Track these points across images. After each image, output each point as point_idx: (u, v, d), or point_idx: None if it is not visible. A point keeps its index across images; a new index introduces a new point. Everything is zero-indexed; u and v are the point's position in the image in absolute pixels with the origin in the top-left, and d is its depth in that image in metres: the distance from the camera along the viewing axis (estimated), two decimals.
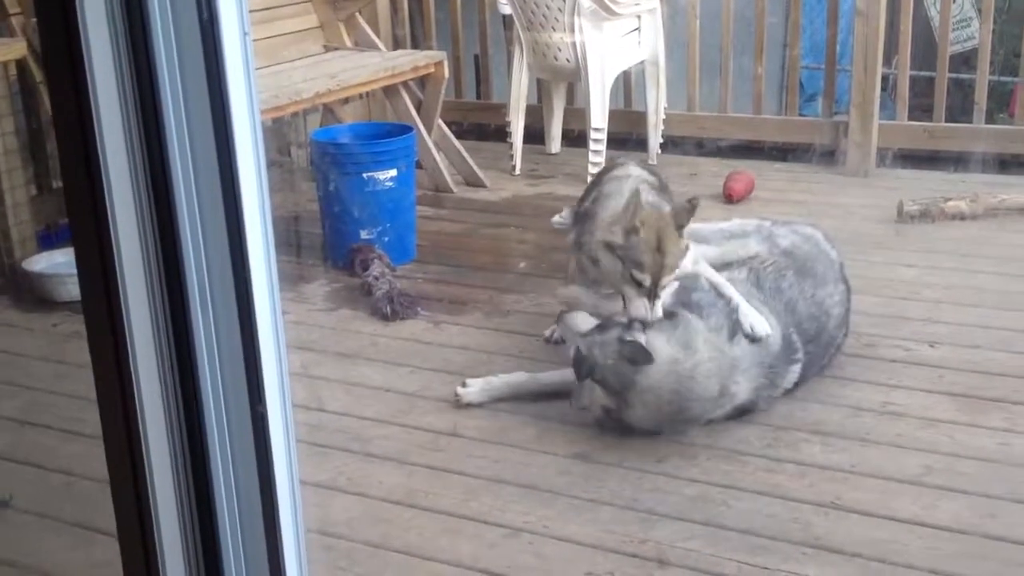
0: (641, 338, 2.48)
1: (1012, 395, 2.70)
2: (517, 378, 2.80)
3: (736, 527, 2.24)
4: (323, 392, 2.84)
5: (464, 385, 2.77)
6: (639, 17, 4.63)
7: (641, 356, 2.46)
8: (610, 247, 2.55)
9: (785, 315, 2.68)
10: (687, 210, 2.58)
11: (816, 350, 2.73)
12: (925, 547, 2.16)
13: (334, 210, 3.72)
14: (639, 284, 2.51)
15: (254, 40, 1.25)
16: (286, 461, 1.37)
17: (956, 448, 2.49)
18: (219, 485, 1.33)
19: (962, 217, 3.91)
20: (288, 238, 3.85)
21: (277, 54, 4.28)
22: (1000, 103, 5.33)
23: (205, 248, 1.25)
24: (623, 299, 2.58)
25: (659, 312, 2.53)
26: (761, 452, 2.51)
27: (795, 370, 2.66)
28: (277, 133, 4.50)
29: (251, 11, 1.26)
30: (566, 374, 2.80)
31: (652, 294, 2.52)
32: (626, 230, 2.53)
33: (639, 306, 2.52)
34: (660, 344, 2.49)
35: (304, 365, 2.97)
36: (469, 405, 2.74)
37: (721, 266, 2.77)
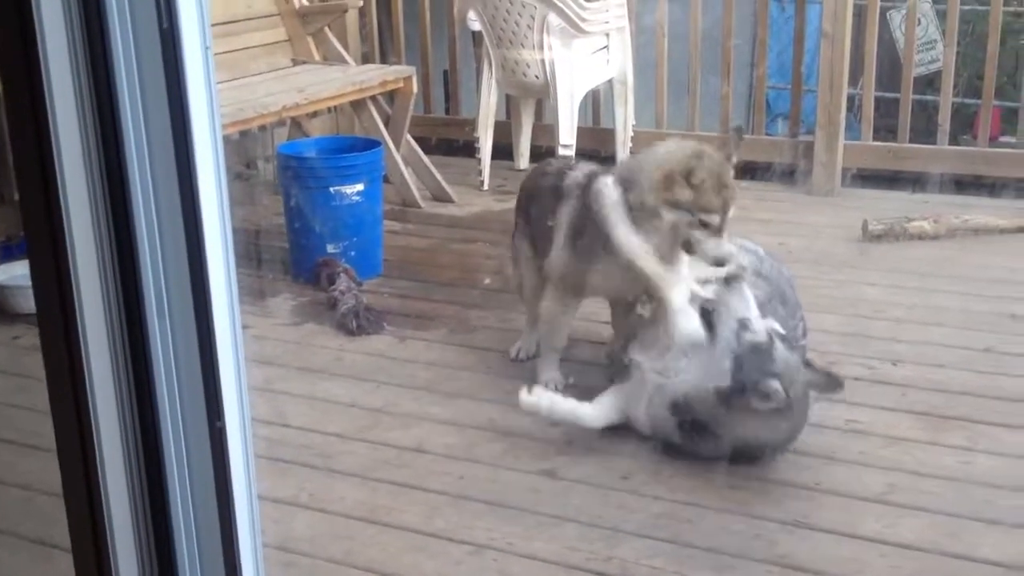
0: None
1: (973, 414, 2.72)
2: (582, 410, 2.61)
3: (701, 545, 2.24)
4: (287, 407, 2.81)
5: (529, 392, 2.59)
6: (608, 35, 4.65)
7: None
8: (675, 203, 2.55)
9: None
10: (735, 141, 2.60)
11: None
12: (888, 565, 2.17)
13: (300, 224, 3.70)
14: (707, 226, 2.55)
15: (220, 53, 1.25)
16: (245, 477, 1.35)
17: (919, 466, 2.50)
18: (176, 501, 1.31)
19: (925, 237, 3.95)
20: (253, 252, 3.82)
21: (244, 67, 4.26)
22: (963, 124, 5.39)
23: (163, 261, 1.24)
24: (687, 248, 2.59)
25: (729, 245, 2.58)
26: (726, 469, 2.51)
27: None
28: (244, 146, 4.47)
29: (217, 23, 1.26)
30: (611, 411, 2.64)
31: (720, 231, 2.56)
32: (692, 183, 2.53)
33: (716, 244, 2.55)
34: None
35: (268, 380, 2.94)
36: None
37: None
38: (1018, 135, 4.72)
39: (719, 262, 2.57)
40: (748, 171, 4.79)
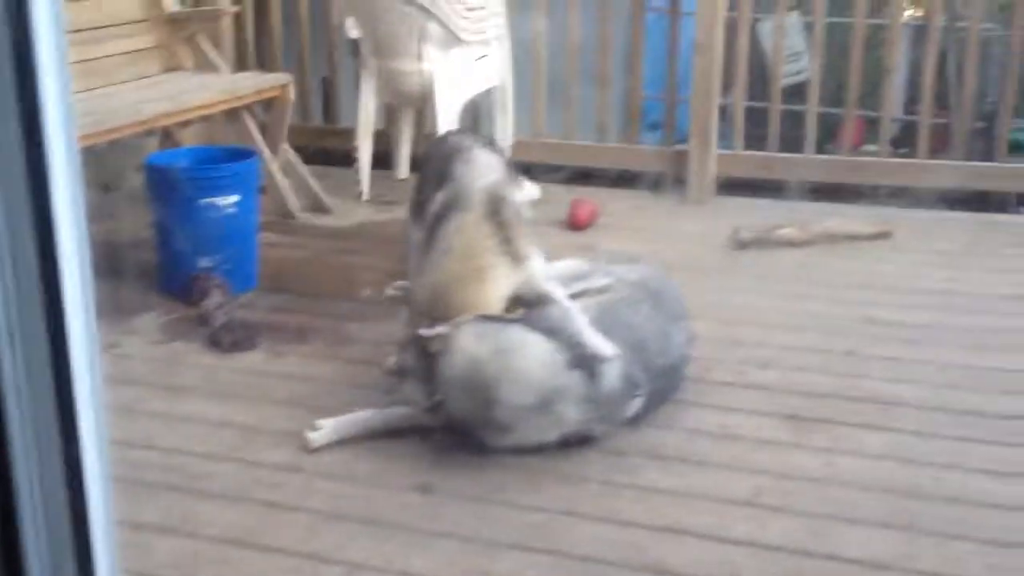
0: (430, 331, 2.60)
1: (835, 416, 2.81)
2: (365, 415, 2.73)
3: (577, 554, 2.26)
4: (153, 429, 2.73)
5: (314, 428, 2.67)
6: (487, 44, 4.67)
7: (427, 344, 2.58)
8: None
9: (631, 352, 2.67)
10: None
11: (665, 384, 2.78)
12: (757, 566, 2.22)
13: (171, 237, 3.60)
14: None
15: (84, 61, 1.20)
16: (102, 502, 1.30)
17: (785, 469, 2.58)
18: (29, 530, 1.26)
19: (792, 244, 4.07)
20: (120, 267, 3.70)
21: (110, 75, 4.11)
22: (829, 133, 5.58)
23: (14, 279, 1.19)
24: None
25: None
26: (601, 477, 2.54)
27: (636, 403, 2.68)
28: (111, 157, 4.32)
29: (80, 29, 1.21)
30: (412, 410, 2.75)
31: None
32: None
33: None
34: (465, 342, 2.56)
35: (134, 400, 2.85)
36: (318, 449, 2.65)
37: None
38: (879, 143, 4.91)
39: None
40: (623, 180, 4.88)
